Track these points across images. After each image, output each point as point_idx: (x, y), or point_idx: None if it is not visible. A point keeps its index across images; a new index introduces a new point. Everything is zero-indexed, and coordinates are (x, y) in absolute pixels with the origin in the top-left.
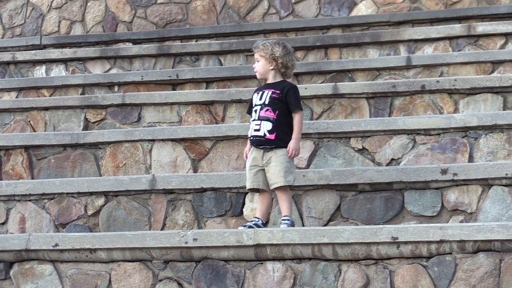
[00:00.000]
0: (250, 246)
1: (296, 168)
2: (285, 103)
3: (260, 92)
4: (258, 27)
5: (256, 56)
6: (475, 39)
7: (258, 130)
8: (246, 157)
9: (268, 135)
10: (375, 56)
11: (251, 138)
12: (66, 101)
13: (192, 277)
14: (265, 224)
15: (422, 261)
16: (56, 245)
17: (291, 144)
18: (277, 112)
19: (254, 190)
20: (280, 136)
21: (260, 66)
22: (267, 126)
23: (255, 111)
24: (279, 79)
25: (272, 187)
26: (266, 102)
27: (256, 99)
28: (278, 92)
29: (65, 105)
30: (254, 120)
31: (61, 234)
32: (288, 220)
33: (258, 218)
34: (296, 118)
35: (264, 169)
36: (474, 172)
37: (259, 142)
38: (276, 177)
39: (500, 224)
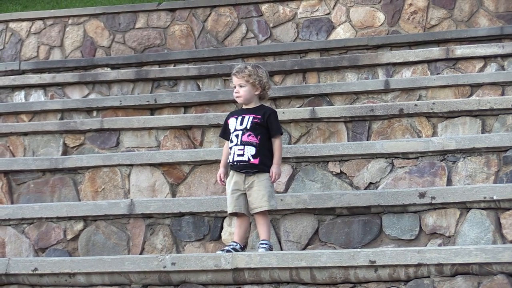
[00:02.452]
0: (228, 270)
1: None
2: (266, 128)
3: (240, 117)
4: (236, 52)
5: (240, 81)
6: (453, 62)
7: (242, 155)
8: (221, 181)
9: (252, 160)
10: (353, 80)
11: (235, 163)
12: (45, 126)
13: None
14: (243, 248)
15: (400, 284)
16: (36, 269)
17: (274, 169)
18: (259, 137)
19: (234, 214)
20: (263, 160)
21: (246, 91)
22: (250, 151)
23: (236, 136)
24: (258, 103)
25: (255, 211)
26: (248, 127)
27: (235, 124)
28: (259, 117)
29: (44, 130)
30: (236, 145)
31: (40, 258)
32: (266, 244)
33: (236, 243)
34: (277, 142)
35: (245, 193)
36: (452, 195)
37: (243, 167)
38: (259, 202)
39: (478, 247)
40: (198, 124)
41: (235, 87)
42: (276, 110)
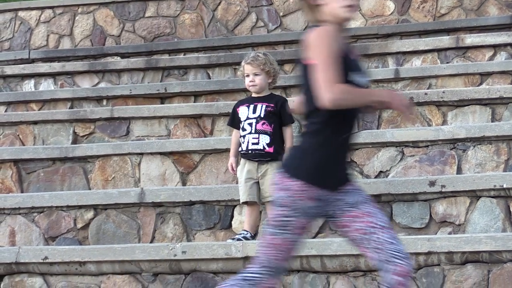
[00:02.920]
0: (239, 259)
1: None
2: (279, 116)
3: (252, 106)
4: (246, 40)
5: (255, 70)
6: (463, 51)
7: (257, 143)
8: (233, 170)
9: (267, 148)
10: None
11: (249, 151)
12: (55, 115)
13: None
14: (253, 237)
15: None
16: (46, 258)
17: None
18: (272, 125)
19: (245, 203)
20: (277, 149)
21: (261, 80)
22: (265, 139)
23: (250, 124)
24: (268, 92)
25: (267, 200)
26: (262, 116)
27: (248, 112)
28: (272, 105)
29: (54, 119)
30: (250, 133)
31: (51, 247)
32: None
33: (247, 231)
34: (289, 131)
35: (258, 182)
36: (462, 184)
37: (258, 156)
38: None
39: (488, 235)
40: (208, 113)
41: (247, 75)
42: (287, 98)
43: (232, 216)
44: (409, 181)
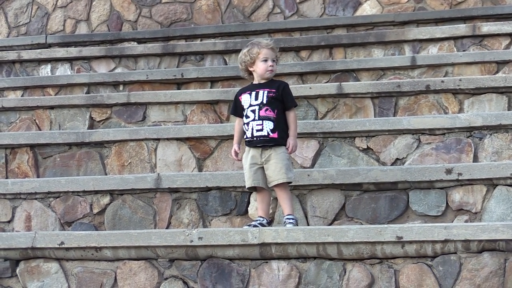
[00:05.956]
0: (255, 245)
1: (300, 168)
2: (281, 101)
3: (253, 93)
4: (262, 27)
5: (274, 55)
6: (480, 39)
7: (261, 130)
8: (236, 156)
9: (271, 134)
10: (380, 56)
11: (254, 138)
12: (72, 100)
13: (197, 275)
14: (269, 223)
15: (427, 260)
16: (62, 243)
17: (291, 141)
18: (276, 111)
19: (253, 189)
20: (281, 134)
21: (275, 65)
22: (269, 125)
23: (253, 111)
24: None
25: (272, 184)
26: (265, 102)
27: (250, 99)
28: (274, 91)
29: (71, 104)
30: (254, 120)
31: (67, 232)
32: (292, 219)
33: (263, 217)
34: (292, 115)
35: (263, 167)
36: (478, 172)
37: (264, 142)
38: (277, 174)
39: (505, 223)
40: (225, 99)
41: (265, 60)
42: (303, 85)
43: (248, 202)
44: (425, 169)
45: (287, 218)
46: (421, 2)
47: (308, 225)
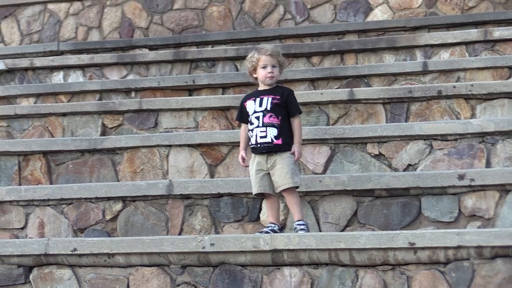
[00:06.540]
0: (267, 251)
1: (312, 174)
2: (286, 108)
3: (258, 99)
4: (274, 33)
5: (274, 61)
6: (491, 44)
7: (265, 136)
8: (244, 162)
9: (275, 141)
10: (391, 62)
11: (258, 145)
12: (84, 107)
13: (209, 282)
14: (281, 229)
15: (439, 266)
16: (75, 249)
17: (297, 148)
18: (280, 117)
19: (260, 195)
20: (285, 140)
21: (277, 71)
22: (273, 132)
23: (257, 118)
24: (275, 84)
25: (279, 189)
26: (269, 108)
27: (254, 106)
28: (278, 97)
29: (83, 111)
30: (258, 126)
31: (80, 239)
32: (303, 224)
33: (274, 224)
34: (297, 121)
35: (269, 173)
36: (491, 177)
37: (268, 149)
38: (283, 179)
39: None
40: (236, 105)
41: (264, 67)
42: (314, 91)
43: (260, 209)
44: (438, 175)
45: (298, 224)
46: (432, 7)
47: (320, 231)
